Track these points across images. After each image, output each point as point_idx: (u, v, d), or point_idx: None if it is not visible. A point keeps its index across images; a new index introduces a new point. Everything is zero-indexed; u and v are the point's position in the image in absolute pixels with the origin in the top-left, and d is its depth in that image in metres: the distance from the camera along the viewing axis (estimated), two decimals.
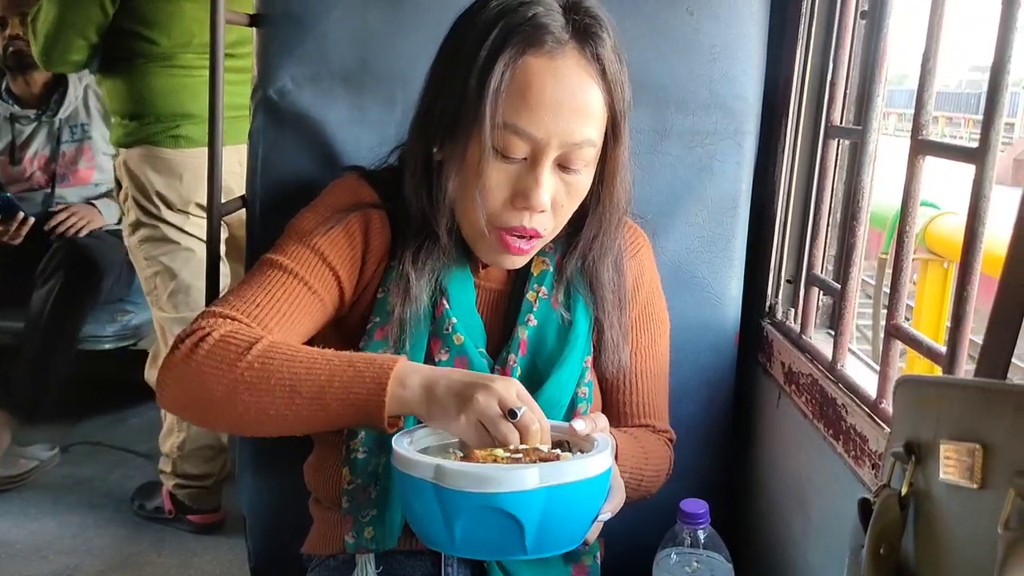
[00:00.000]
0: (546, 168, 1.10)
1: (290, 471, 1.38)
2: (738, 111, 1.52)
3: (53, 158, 3.30)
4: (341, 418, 1.04)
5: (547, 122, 1.07)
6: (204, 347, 1.06)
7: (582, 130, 1.09)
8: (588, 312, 1.25)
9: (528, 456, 0.97)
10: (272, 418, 1.04)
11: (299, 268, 1.16)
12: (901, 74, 18.18)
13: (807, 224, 1.52)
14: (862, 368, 1.32)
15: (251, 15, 1.47)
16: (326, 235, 1.19)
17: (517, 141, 1.08)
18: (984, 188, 0.96)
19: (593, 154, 1.13)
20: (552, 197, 1.12)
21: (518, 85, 1.07)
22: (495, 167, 1.10)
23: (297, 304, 1.15)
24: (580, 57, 1.09)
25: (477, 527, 0.94)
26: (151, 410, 3.52)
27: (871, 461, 1.12)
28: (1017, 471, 0.58)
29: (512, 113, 1.07)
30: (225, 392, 1.04)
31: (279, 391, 1.03)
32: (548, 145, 1.08)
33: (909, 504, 0.71)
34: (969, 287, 0.98)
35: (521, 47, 1.07)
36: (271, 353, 1.05)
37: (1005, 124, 6.99)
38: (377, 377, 1.02)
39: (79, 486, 2.98)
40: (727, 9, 1.50)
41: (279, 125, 1.46)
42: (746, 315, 1.59)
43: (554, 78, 1.07)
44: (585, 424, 1.07)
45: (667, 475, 1.33)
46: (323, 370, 1.03)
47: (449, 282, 1.20)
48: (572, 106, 1.08)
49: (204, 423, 1.13)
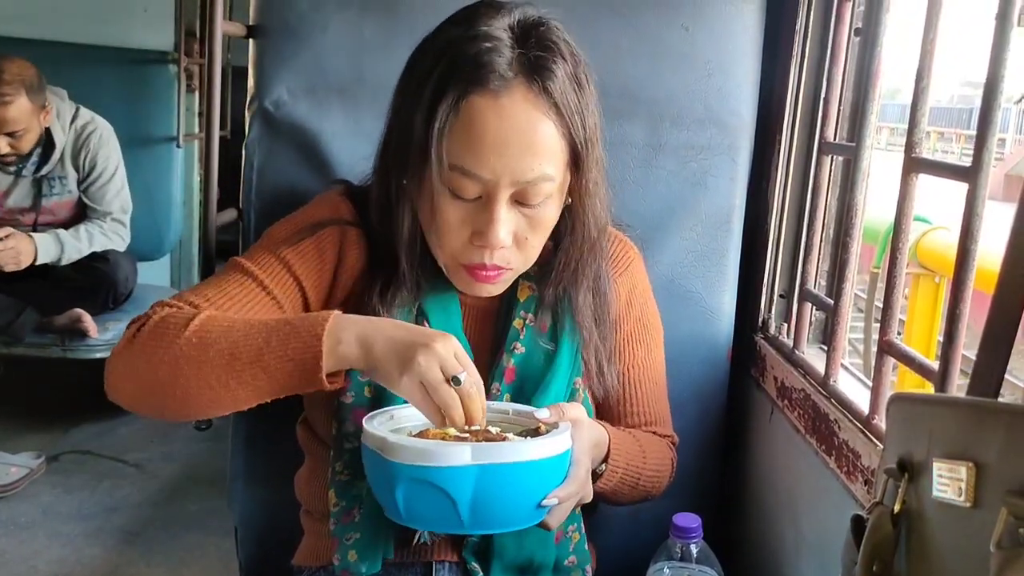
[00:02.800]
0: (500, 206, 1.07)
1: (281, 482, 1.38)
2: (732, 126, 1.52)
3: (34, 209, 3.26)
4: (283, 378, 1.01)
5: (493, 162, 1.04)
6: (145, 330, 1.06)
7: (533, 167, 1.06)
8: (573, 337, 1.23)
9: (475, 437, 1.01)
10: (215, 390, 1.02)
11: (261, 274, 1.16)
12: (893, 88, 18.22)
13: (800, 239, 1.53)
14: (855, 384, 1.33)
15: (248, 26, 1.47)
16: (295, 246, 1.18)
17: (466, 182, 1.06)
18: (976, 206, 0.96)
19: (553, 188, 1.09)
20: (514, 232, 1.10)
21: (462, 125, 1.04)
22: (450, 206, 1.08)
23: (250, 306, 1.14)
24: (527, 92, 1.05)
25: (416, 499, 0.99)
26: (140, 420, 3.51)
27: (863, 477, 1.12)
28: (1009, 490, 0.58)
29: (457, 155, 1.05)
30: (168, 370, 1.02)
31: (218, 360, 1.01)
32: (498, 184, 1.05)
33: (902, 521, 0.71)
34: (962, 304, 0.99)
35: (464, 86, 1.04)
36: (209, 325, 1.04)
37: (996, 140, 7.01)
38: (312, 330, 1.00)
39: (68, 495, 2.96)
40: (722, 25, 1.51)
41: (274, 136, 1.46)
42: (739, 330, 1.59)
43: (498, 117, 1.04)
44: (549, 412, 1.08)
45: (670, 477, 1.33)
46: (260, 332, 1.02)
47: (429, 306, 1.19)
48: (519, 144, 1.05)
49: (152, 410, 1.10)
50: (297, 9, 1.44)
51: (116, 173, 3.34)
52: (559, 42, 1.09)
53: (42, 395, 3.73)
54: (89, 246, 3.23)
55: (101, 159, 3.29)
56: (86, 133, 3.27)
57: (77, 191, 3.30)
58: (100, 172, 3.29)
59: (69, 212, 3.31)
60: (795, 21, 1.51)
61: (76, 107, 3.30)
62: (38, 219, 3.26)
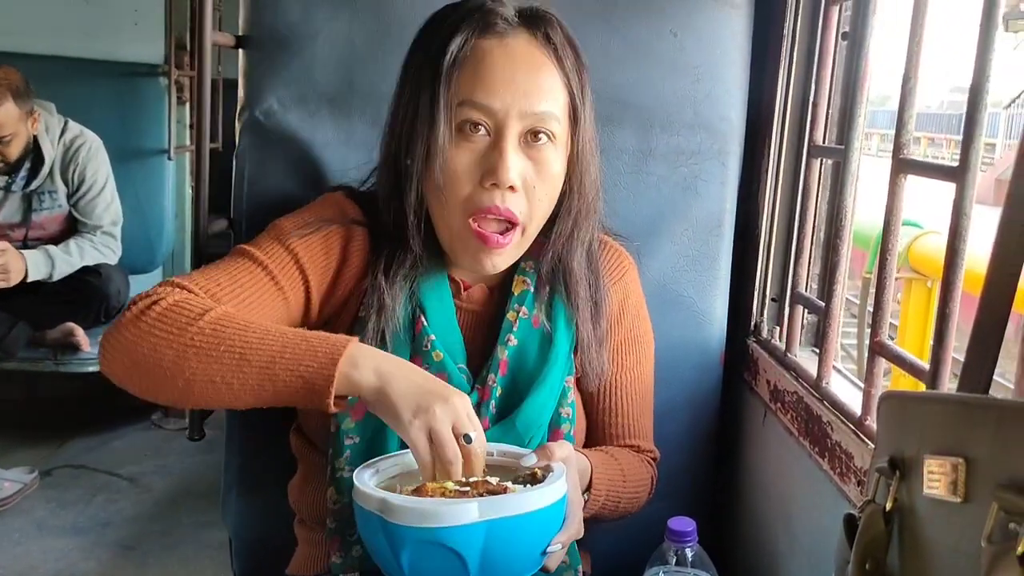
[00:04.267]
0: (510, 142, 1.10)
1: (275, 492, 1.37)
2: (722, 131, 1.53)
3: (24, 224, 3.25)
4: (288, 391, 1.02)
5: (503, 93, 1.10)
6: (155, 310, 1.05)
7: (540, 101, 1.11)
8: (569, 330, 1.25)
9: (476, 489, 0.98)
10: (217, 386, 1.02)
11: (268, 262, 1.16)
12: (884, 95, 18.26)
13: (791, 243, 1.53)
14: (847, 385, 1.33)
15: (237, 37, 1.47)
16: (303, 239, 1.19)
17: (477, 115, 1.10)
18: (964, 206, 0.97)
19: (558, 129, 1.14)
20: (522, 176, 1.12)
21: (471, 63, 1.10)
22: (459, 149, 1.11)
23: (257, 294, 1.14)
24: (531, 39, 1.13)
25: (422, 560, 0.96)
26: (135, 432, 3.51)
27: (856, 477, 1.12)
28: (999, 484, 0.58)
29: (468, 90, 1.10)
30: (173, 357, 1.02)
31: (228, 358, 1.01)
32: (508, 116, 1.10)
33: (894, 519, 0.71)
34: (951, 304, 0.99)
35: (471, 30, 1.11)
36: (224, 321, 1.04)
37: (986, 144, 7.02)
38: (330, 353, 1.01)
39: (63, 510, 2.95)
40: (710, 31, 1.51)
41: (265, 146, 1.46)
42: (731, 334, 1.59)
43: (506, 54, 1.11)
44: (536, 458, 1.07)
45: (649, 495, 1.33)
46: (276, 341, 1.02)
47: (427, 299, 1.20)
48: (527, 79, 1.11)
49: (146, 391, 1.08)
50: (287, 19, 1.44)
51: (106, 186, 3.34)
52: (557, 20, 1.16)
53: (35, 410, 3.72)
54: (80, 260, 3.22)
55: (90, 172, 3.28)
56: (75, 147, 3.27)
57: (67, 205, 3.30)
58: (90, 186, 3.29)
59: (59, 226, 3.31)
60: (783, 26, 1.51)
61: (65, 121, 3.30)
62: (28, 234, 3.25)
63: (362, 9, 1.46)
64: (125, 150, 3.59)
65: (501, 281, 1.26)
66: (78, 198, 3.29)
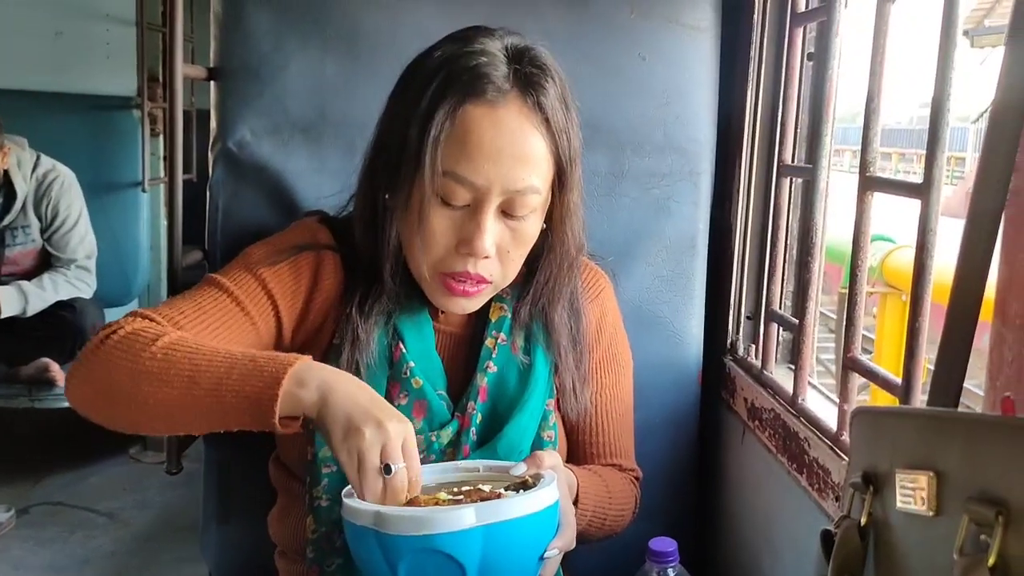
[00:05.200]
0: (489, 215, 1.09)
1: (254, 524, 1.36)
2: (692, 152, 1.55)
3: None
4: (236, 412, 1.01)
5: (487, 169, 1.07)
6: (113, 339, 1.06)
7: (524, 177, 1.09)
8: (548, 356, 1.25)
9: (469, 497, 0.98)
10: (171, 410, 1.03)
11: (236, 289, 1.16)
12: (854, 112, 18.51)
13: (764, 261, 1.55)
14: (823, 401, 1.34)
15: (209, 69, 1.48)
16: (272, 267, 1.19)
17: (458, 188, 1.08)
18: (930, 222, 0.99)
19: (538, 201, 1.12)
20: (497, 244, 1.12)
21: (458, 133, 1.07)
22: (438, 214, 1.10)
23: (223, 322, 1.14)
24: (522, 106, 1.09)
25: (420, 570, 0.94)
26: (112, 467, 3.47)
27: (834, 493, 1.13)
28: (969, 497, 0.59)
29: (452, 161, 1.07)
30: (128, 383, 1.03)
31: (178, 382, 1.01)
32: (490, 192, 1.08)
33: (869, 534, 0.72)
34: (921, 319, 1.01)
35: (461, 96, 1.07)
36: (176, 345, 1.04)
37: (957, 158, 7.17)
38: (275, 372, 1.00)
39: (40, 548, 2.91)
40: (678, 53, 1.53)
41: (239, 177, 1.46)
42: (708, 352, 1.60)
43: (494, 126, 1.08)
44: (524, 467, 1.07)
45: (633, 513, 1.33)
46: (223, 363, 1.02)
47: (404, 326, 1.20)
48: (513, 153, 1.08)
49: (108, 419, 1.08)
50: (258, 51, 1.45)
51: (79, 220, 3.32)
52: (549, 64, 1.13)
53: (10, 447, 3.67)
54: (55, 295, 3.20)
55: (63, 207, 3.27)
56: (47, 181, 3.26)
57: (40, 240, 3.28)
58: (63, 220, 3.27)
59: (33, 261, 3.28)
60: (749, 47, 1.54)
61: (37, 155, 3.28)
62: (1, 269, 3.23)
63: (333, 39, 1.46)
64: (99, 183, 3.58)
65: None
66: (51, 232, 3.27)
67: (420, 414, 1.18)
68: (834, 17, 1.28)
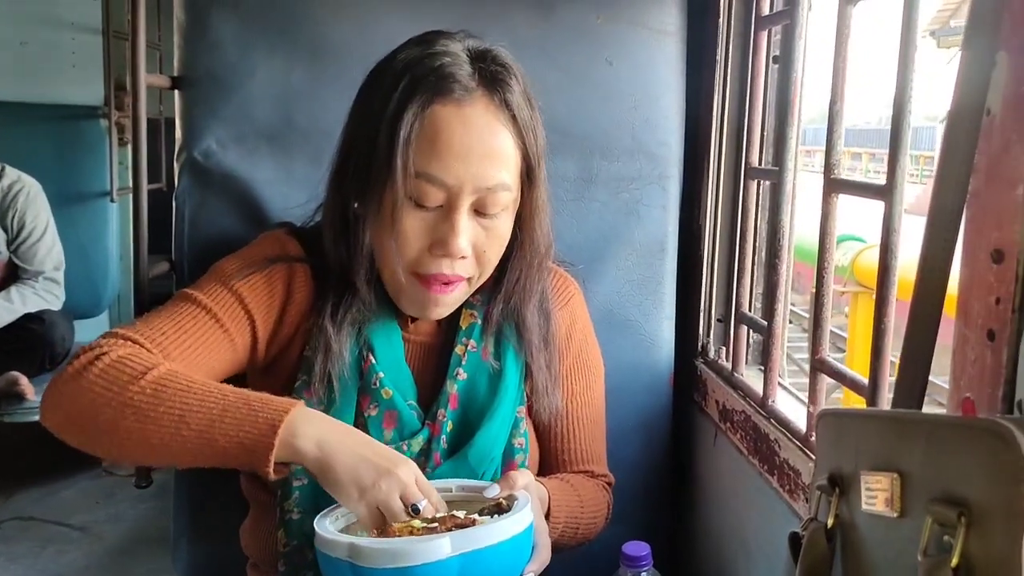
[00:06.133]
0: (462, 214, 1.10)
1: (226, 536, 1.35)
2: (661, 156, 1.55)
3: None
4: (228, 456, 1.01)
5: (458, 168, 1.08)
6: (98, 366, 1.03)
7: (495, 174, 1.10)
8: (518, 361, 1.25)
9: (444, 524, 0.98)
10: (154, 447, 1.01)
11: (213, 305, 1.15)
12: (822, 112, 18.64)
13: (734, 263, 1.56)
14: (793, 402, 1.35)
15: (172, 77, 1.46)
16: (246, 279, 1.18)
17: (431, 189, 1.09)
18: (893, 223, 0.99)
19: (510, 199, 1.14)
20: (473, 243, 1.12)
21: (427, 133, 1.08)
22: (411, 216, 1.10)
23: (204, 339, 1.13)
24: (489, 103, 1.11)
25: None
26: (84, 481, 3.43)
27: (805, 494, 1.14)
28: (932, 498, 0.60)
29: (423, 162, 1.08)
30: (111, 415, 1.01)
31: (167, 420, 1.00)
32: (462, 191, 1.09)
33: (836, 536, 0.72)
34: (886, 319, 1.01)
35: (429, 96, 1.08)
36: (166, 381, 1.02)
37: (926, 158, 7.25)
38: (270, 419, 1.00)
39: (12, 564, 2.87)
40: (645, 57, 1.54)
41: (205, 186, 1.45)
42: (680, 355, 1.61)
43: (463, 125, 1.09)
44: (498, 489, 1.07)
45: (605, 519, 1.33)
46: (216, 404, 1.01)
47: (374, 336, 1.19)
48: (482, 152, 1.09)
49: (82, 445, 1.06)
50: (223, 59, 1.44)
51: (47, 231, 3.28)
52: (511, 63, 1.14)
53: None
54: (23, 308, 3.16)
55: (30, 218, 3.23)
56: (13, 192, 3.21)
57: (7, 252, 3.23)
58: (30, 231, 3.23)
59: (0, 274, 3.24)
60: (715, 51, 1.54)
61: (2, 166, 3.24)
62: None
63: (299, 47, 1.46)
64: (66, 193, 3.53)
65: (449, 314, 1.26)
66: (18, 244, 3.23)
67: (390, 425, 1.18)
68: (798, 20, 1.29)
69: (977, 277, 0.77)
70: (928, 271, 0.77)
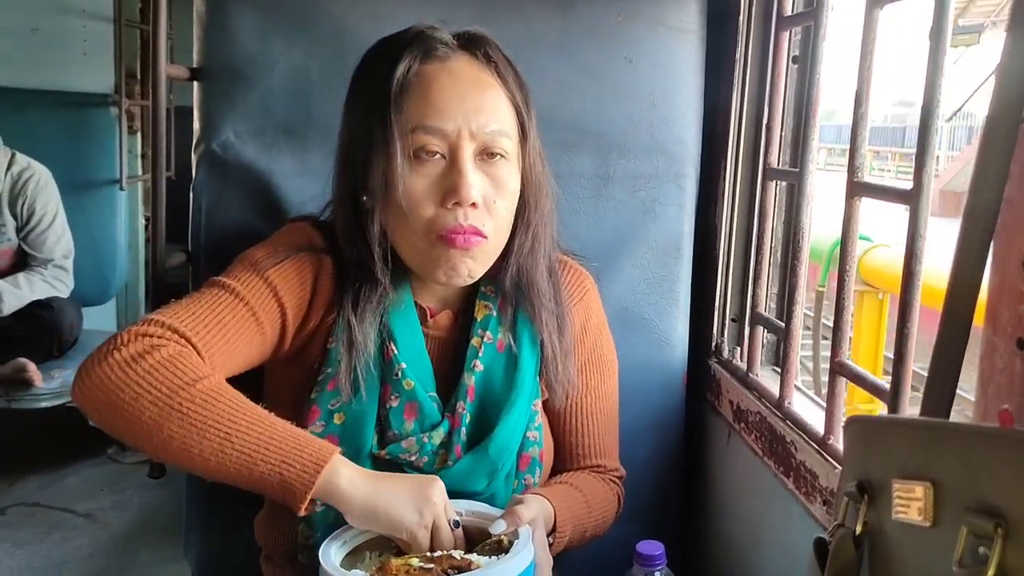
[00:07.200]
0: (467, 161, 1.12)
1: (239, 527, 1.36)
2: (678, 155, 1.55)
3: None
4: (265, 484, 1.02)
5: (453, 115, 1.11)
6: (149, 360, 1.02)
7: (490, 120, 1.13)
8: (534, 352, 1.25)
9: (440, 565, 0.99)
10: (193, 456, 1.01)
11: (248, 294, 1.14)
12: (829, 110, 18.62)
13: (749, 264, 1.55)
14: (809, 404, 1.35)
15: (192, 69, 1.46)
16: (278, 267, 1.17)
17: (430, 140, 1.11)
18: (919, 228, 0.99)
19: (510, 145, 1.15)
20: (482, 194, 1.13)
21: (418, 89, 1.12)
22: (417, 175, 1.11)
23: (240, 330, 1.13)
24: (472, 59, 1.16)
25: None
26: (89, 468, 3.44)
27: (822, 497, 1.14)
28: (967, 508, 0.59)
29: (419, 115, 1.11)
30: (156, 414, 1.00)
31: (212, 435, 1.00)
32: (461, 137, 1.11)
33: (864, 543, 0.72)
34: (909, 325, 1.01)
35: (413, 57, 1.13)
36: (216, 395, 1.02)
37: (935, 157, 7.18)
38: (315, 458, 1.01)
39: (17, 550, 2.88)
40: (665, 56, 1.53)
41: (223, 178, 1.45)
42: (693, 355, 1.60)
43: (451, 76, 1.13)
44: (504, 525, 1.08)
45: (616, 514, 1.34)
46: (263, 431, 1.01)
47: (396, 327, 1.19)
48: (474, 99, 1.13)
49: (118, 434, 1.05)
50: (242, 51, 1.43)
51: (56, 219, 3.28)
52: (494, 40, 1.19)
53: None
54: (31, 294, 3.16)
55: (40, 205, 3.23)
56: (23, 179, 3.21)
57: (16, 239, 3.23)
58: (39, 219, 3.23)
59: (9, 261, 3.24)
60: (735, 50, 1.54)
61: (12, 153, 3.24)
62: None
63: (318, 40, 1.45)
64: (76, 181, 3.53)
65: (465, 307, 1.26)
66: (28, 231, 3.23)
67: (412, 416, 1.18)
68: (821, 21, 1.28)
69: (1007, 285, 0.77)
70: (960, 278, 0.77)
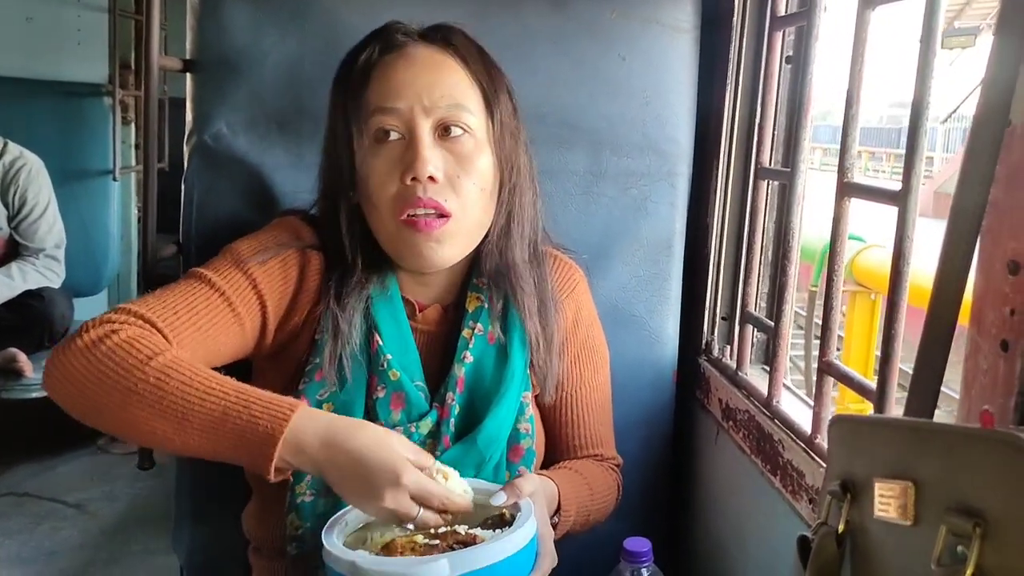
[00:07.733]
0: (423, 137, 1.14)
1: (228, 520, 1.36)
2: (671, 153, 1.55)
3: None
4: (233, 459, 1.02)
5: (406, 92, 1.14)
6: (107, 343, 1.02)
7: (446, 93, 1.15)
8: (525, 346, 1.25)
9: (445, 540, 0.98)
10: (159, 438, 1.02)
11: (226, 287, 1.14)
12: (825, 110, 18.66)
13: (740, 263, 1.56)
14: (797, 403, 1.35)
15: (185, 60, 1.46)
16: (261, 264, 1.18)
17: (386, 119, 1.14)
18: (907, 229, 0.99)
19: (474, 122, 1.16)
20: (442, 169, 1.14)
21: (376, 77, 1.16)
22: (378, 155, 1.15)
23: (215, 321, 1.13)
24: (429, 46, 1.18)
25: None
26: (80, 458, 3.43)
27: (808, 496, 1.14)
28: (947, 508, 0.60)
29: (376, 99, 1.15)
30: (120, 400, 1.00)
31: (170, 415, 1.00)
32: (415, 113, 1.14)
33: (846, 541, 0.73)
34: (896, 325, 1.01)
35: (374, 48, 1.17)
36: (169, 371, 1.01)
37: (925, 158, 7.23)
38: (269, 430, 0.99)
39: (7, 539, 2.87)
40: (658, 54, 1.54)
41: (214, 170, 1.45)
42: (683, 353, 1.61)
43: (406, 60, 1.16)
44: (505, 496, 1.07)
45: (616, 501, 1.35)
46: (217, 405, 1.00)
47: (380, 318, 1.20)
48: (428, 77, 1.15)
49: (92, 422, 1.06)
50: (235, 43, 1.43)
51: (48, 208, 3.27)
52: (461, 30, 1.21)
53: None
54: (23, 284, 3.15)
55: (31, 195, 3.22)
56: (15, 169, 3.20)
57: (8, 228, 3.22)
58: (31, 208, 3.22)
59: (0, 250, 3.23)
60: (728, 49, 1.54)
61: (4, 142, 3.23)
62: None
63: (311, 32, 1.45)
64: (68, 171, 3.52)
65: (455, 300, 1.26)
66: (19, 221, 3.22)
67: (398, 406, 1.18)
68: (814, 21, 1.28)
69: (992, 287, 0.78)
70: (945, 279, 0.77)
